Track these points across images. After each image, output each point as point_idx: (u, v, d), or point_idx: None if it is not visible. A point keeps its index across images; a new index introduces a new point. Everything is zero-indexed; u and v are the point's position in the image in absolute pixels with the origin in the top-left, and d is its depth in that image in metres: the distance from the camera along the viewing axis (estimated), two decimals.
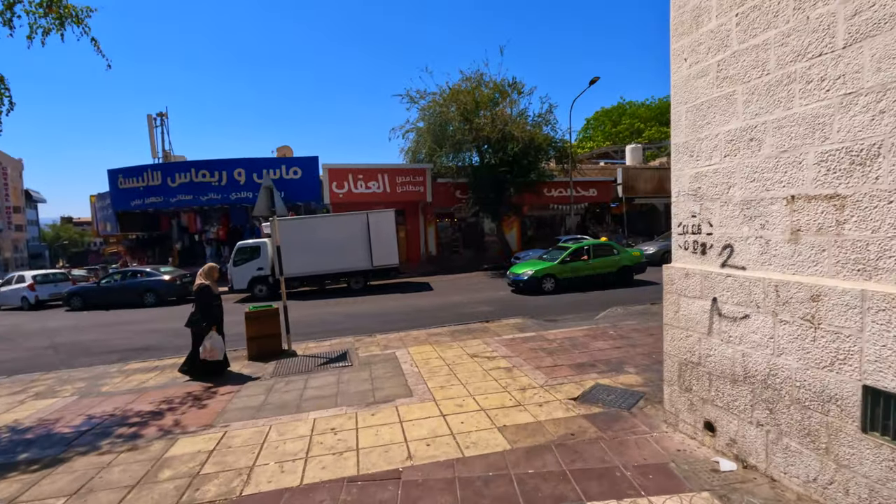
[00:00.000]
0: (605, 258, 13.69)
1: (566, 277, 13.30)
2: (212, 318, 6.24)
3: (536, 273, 13.16)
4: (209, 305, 6.28)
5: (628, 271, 13.85)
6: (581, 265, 13.48)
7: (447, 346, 7.20)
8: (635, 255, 14.14)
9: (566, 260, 13.40)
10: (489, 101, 19.77)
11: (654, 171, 24.82)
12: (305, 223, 15.97)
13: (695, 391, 3.63)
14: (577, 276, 13.39)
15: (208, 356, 6.11)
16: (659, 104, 48.40)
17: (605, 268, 13.64)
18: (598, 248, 13.92)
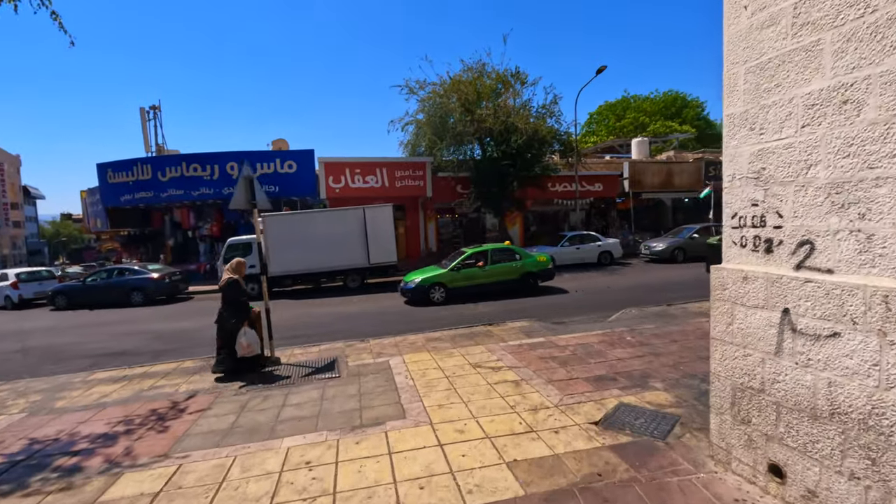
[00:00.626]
0: (505, 264, 12.29)
1: (458, 286, 11.90)
2: (243, 314, 6.14)
3: (423, 282, 11.75)
4: (239, 301, 6.16)
5: (532, 278, 12.48)
6: (476, 272, 12.03)
7: (447, 354, 6.47)
8: (541, 260, 12.70)
9: (459, 267, 11.98)
10: (491, 92, 18.99)
11: (662, 165, 24.00)
12: (298, 218, 15.25)
13: (755, 424, 2.90)
14: (472, 284, 12.01)
15: (246, 352, 5.97)
16: (663, 97, 47.50)
17: (504, 275, 12.22)
18: (497, 254, 12.48)
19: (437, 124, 18.90)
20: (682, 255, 17.48)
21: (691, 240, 17.70)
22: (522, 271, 12.37)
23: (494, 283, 12.20)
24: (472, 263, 12.14)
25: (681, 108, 46.77)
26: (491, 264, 12.23)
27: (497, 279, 12.22)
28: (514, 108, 19.02)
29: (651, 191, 23.79)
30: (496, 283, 12.22)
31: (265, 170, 19.39)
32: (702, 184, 24.35)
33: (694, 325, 7.32)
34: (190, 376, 6.29)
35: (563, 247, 17.72)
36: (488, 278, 12.17)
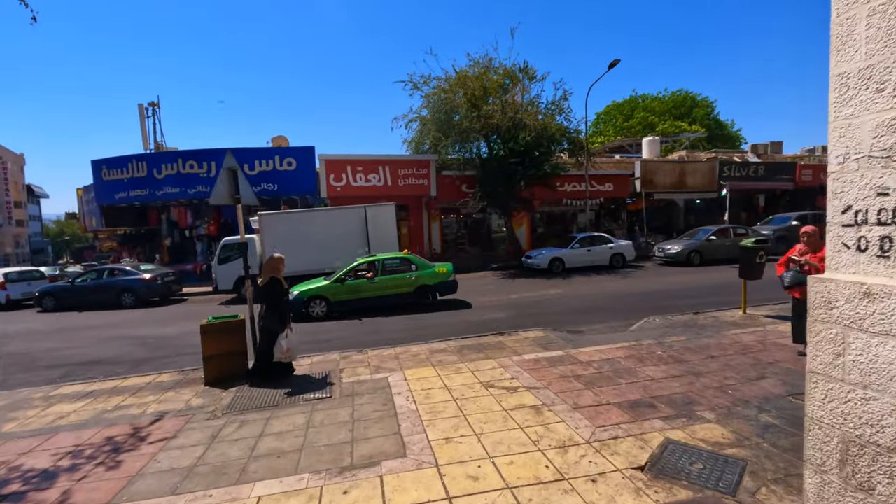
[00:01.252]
0: (399, 276, 11.02)
1: (342, 300, 10.72)
2: (286, 316, 5.80)
3: (301, 294, 10.60)
4: (280, 301, 5.79)
5: (430, 292, 11.14)
6: (364, 285, 10.79)
7: (454, 370, 5.71)
8: (440, 271, 11.26)
9: (343, 278, 10.82)
10: (499, 88, 18.22)
11: (675, 165, 23.15)
12: (295, 218, 14.53)
13: (881, 495, 2.13)
14: (359, 297, 10.79)
15: (284, 357, 5.64)
16: (672, 97, 46.61)
17: (396, 288, 10.94)
18: (390, 264, 11.21)
19: (442, 121, 18.16)
20: (698, 259, 16.65)
21: (708, 242, 16.86)
22: (418, 284, 11.01)
23: (385, 297, 10.88)
24: (361, 274, 10.95)
25: (690, 108, 45.86)
26: (382, 275, 10.93)
27: (388, 292, 10.90)
28: (522, 104, 18.26)
29: (663, 191, 22.94)
30: (387, 297, 10.90)
31: (264, 167, 18.73)
32: (715, 184, 23.52)
33: (730, 339, 6.52)
34: (163, 393, 5.56)
35: (574, 248, 16.92)
36: (378, 291, 10.84)
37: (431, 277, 11.19)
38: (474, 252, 23.66)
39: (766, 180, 24.40)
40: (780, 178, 24.67)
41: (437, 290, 11.26)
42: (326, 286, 10.85)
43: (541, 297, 11.97)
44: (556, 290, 12.92)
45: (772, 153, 28.33)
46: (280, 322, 5.69)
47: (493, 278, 16.22)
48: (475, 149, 19.05)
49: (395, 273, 11.11)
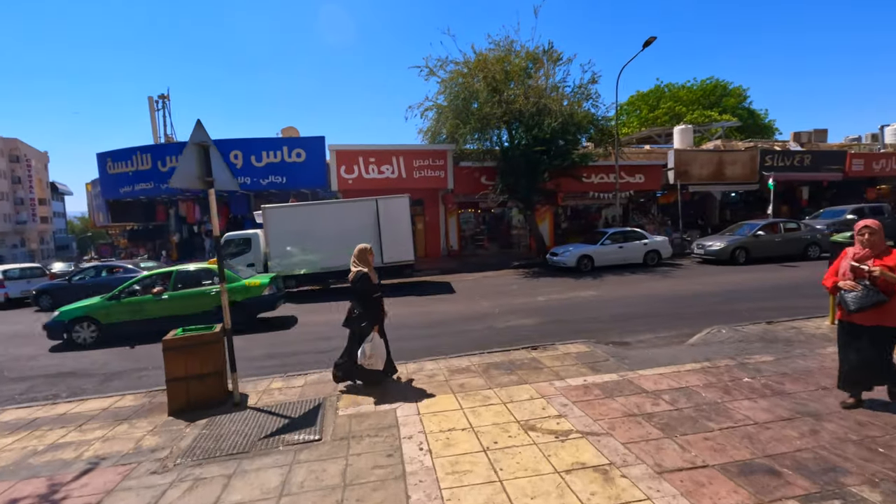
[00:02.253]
0: (196, 291, 9.02)
1: (115, 322, 8.73)
2: (375, 316, 5.00)
3: (62, 316, 8.66)
4: (369, 299, 5.00)
5: (236, 310, 8.62)
6: (148, 303, 8.79)
7: (481, 400, 4.46)
8: (253, 285, 9.29)
9: (120, 294, 8.84)
10: (521, 72, 16.79)
11: (712, 155, 21.35)
12: (301, 211, 13.43)
13: None
14: (142, 318, 8.79)
15: (367, 364, 4.86)
16: (702, 86, 44.28)
17: (192, 307, 8.87)
18: (187, 277, 9.21)
19: (460, 108, 16.84)
20: (743, 256, 15.00)
21: (755, 238, 15.19)
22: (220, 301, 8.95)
23: (177, 318, 8.50)
24: (147, 289, 9.05)
25: (721, 97, 43.46)
26: (174, 291, 8.98)
27: (182, 312, 8.77)
28: (547, 88, 16.82)
29: (699, 183, 21.19)
30: (180, 318, 8.49)
31: (271, 159, 17.72)
32: (756, 175, 21.67)
33: (833, 359, 5.10)
34: (116, 425, 4.44)
35: (604, 245, 15.45)
36: (166, 311, 8.78)
37: (238, 293, 9.04)
38: (493, 249, 22.34)
39: (811, 171, 22.42)
40: (828, 169, 22.65)
41: (248, 307, 9.15)
42: (96, 304, 8.78)
43: (572, 300, 10.62)
44: (589, 292, 11.53)
45: (816, 142, 26.20)
46: (370, 324, 4.90)
47: (516, 277, 14.89)
48: (496, 137, 17.67)
49: (190, 287, 9.08)
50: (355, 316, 4.96)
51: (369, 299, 4.96)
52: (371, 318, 4.94)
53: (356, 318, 4.96)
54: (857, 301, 3.61)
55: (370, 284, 4.98)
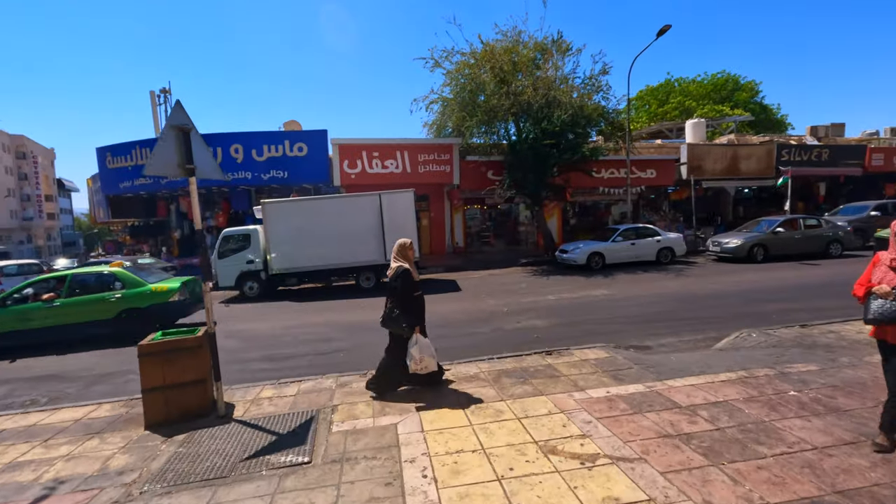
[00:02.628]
0: (92, 297, 8.25)
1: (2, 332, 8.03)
2: (415, 317, 4.58)
3: None
4: (411, 298, 4.58)
5: (139, 317, 8.25)
6: (37, 311, 8.06)
7: (492, 415, 3.97)
8: (159, 289, 8.51)
9: (6, 300, 8.21)
10: (529, 63, 16.21)
11: (726, 149, 20.65)
12: (302, 206, 12.96)
13: None
14: (30, 329, 8.06)
15: (420, 368, 4.49)
16: (713, 80, 43.33)
17: (88, 314, 8.17)
18: (82, 281, 8.48)
19: (467, 101, 16.30)
20: (762, 254, 14.38)
21: (774, 235, 14.55)
22: (121, 308, 8.25)
23: (70, 327, 8.09)
24: (37, 295, 8.29)
25: (732, 91, 42.52)
26: (68, 297, 8.23)
27: (76, 320, 8.13)
28: (556, 80, 16.23)
29: (713, 178, 20.52)
30: (74, 327, 8.10)
31: (273, 153, 17.28)
32: (773, 170, 20.95)
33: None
34: (85, 440, 4.00)
35: (616, 242, 14.89)
36: (58, 319, 8.07)
37: (142, 299, 8.37)
38: (499, 246, 21.82)
39: (830, 166, 21.66)
40: (847, 164, 21.89)
41: (150, 314, 8.39)
42: None
43: (584, 300, 10.09)
44: (601, 291, 11.00)
45: (833, 136, 25.41)
46: (410, 325, 4.49)
47: (524, 275, 14.36)
48: (502, 130, 17.11)
49: (85, 294, 8.33)
50: (395, 316, 4.50)
51: (410, 298, 4.54)
52: (412, 319, 4.51)
53: (395, 319, 4.50)
54: (879, 312, 2.98)
55: (411, 282, 4.55)
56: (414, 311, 4.55)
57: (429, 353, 4.47)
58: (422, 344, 4.48)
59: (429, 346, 4.53)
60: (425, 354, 4.45)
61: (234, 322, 9.83)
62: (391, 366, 4.66)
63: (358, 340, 7.69)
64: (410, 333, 4.48)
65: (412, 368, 4.46)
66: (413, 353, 4.42)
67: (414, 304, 4.57)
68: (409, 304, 4.54)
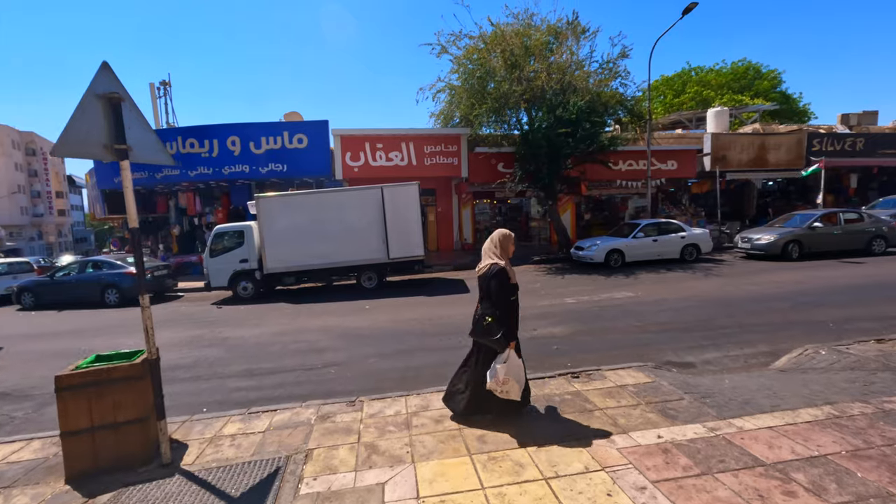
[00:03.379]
0: None
1: None
2: (511, 326, 3.65)
3: None
4: (507, 303, 3.65)
5: None
6: None
7: (511, 472, 3.02)
8: None
9: None
10: (542, 47, 15.10)
11: (753, 138, 19.33)
12: (299, 201, 12.07)
13: None
14: None
15: (501, 391, 3.61)
16: (732, 69, 41.61)
17: None
18: None
19: (476, 88, 15.27)
20: (797, 251, 13.20)
21: (811, 230, 13.35)
22: None
23: None
24: None
25: (753, 80, 40.77)
26: None
27: None
28: (571, 66, 15.12)
29: (739, 170, 19.25)
30: None
31: (271, 145, 16.40)
32: (803, 161, 19.62)
33: None
34: None
35: (637, 238, 13.80)
36: None
37: None
38: None
39: (864, 156, 20.25)
40: (884, 154, 20.45)
41: None
42: None
43: (606, 303, 9.08)
44: (624, 293, 9.97)
45: (864, 124, 23.90)
46: (505, 337, 3.56)
47: (537, 274, 13.36)
48: (514, 119, 16.04)
49: None
50: (486, 324, 3.59)
51: (506, 303, 3.63)
52: (509, 330, 3.61)
53: (487, 329, 3.58)
54: None
55: (508, 283, 3.63)
56: (510, 320, 3.65)
57: (516, 377, 3.58)
58: (513, 363, 3.58)
59: (520, 367, 3.65)
60: (511, 376, 3.56)
61: (221, 327, 8.99)
62: (481, 382, 3.76)
63: (354, 352, 6.78)
64: (504, 348, 3.57)
65: (489, 386, 3.62)
66: (498, 370, 3.54)
67: (510, 311, 3.66)
68: (505, 310, 3.62)
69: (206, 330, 8.83)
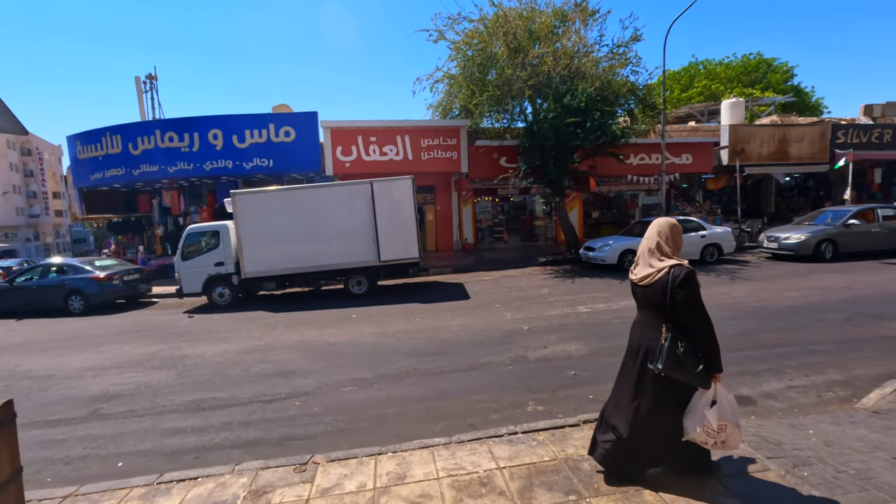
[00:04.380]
0: None
1: None
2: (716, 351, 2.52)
3: None
4: (707, 319, 2.53)
5: None
6: None
7: None
8: None
9: None
10: (549, 32, 13.89)
11: (774, 130, 18.02)
12: (280, 198, 10.91)
13: None
14: None
15: (714, 443, 2.52)
16: (743, 62, 40.24)
17: None
18: None
19: (476, 77, 14.07)
20: (830, 251, 11.97)
21: (846, 228, 12.11)
22: None
23: None
24: None
25: (764, 74, 39.40)
26: None
27: None
28: (579, 51, 13.93)
29: (759, 164, 17.98)
30: None
31: (256, 139, 15.25)
32: (827, 154, 18.34)
33: None
34: None
35: None
36: None
37: None
38: (514, 242, 19.61)
39: (893, 149, 18.96)
40: None
41: None
42: None
43: (626, 313, 7.87)
44: None
45: (888, 116, 22.56)
46: (712, 369, 2.52)
47: (544, 278, 12.16)
48: (517, 109, 14.83)
49: None
50: (683, 354, 2.48)
51: (706, 319, 2.52)
52: (714, 357, 2.51)
53: (686, 360, 2.48)
54: None
55: (699, 293, 2.52)
56: (713, 342, 2.53)
57: (734, 420, 2.52)
58: (726, 403, 2.52)
59: (735, 407, 2.57)
60: (730, 421, 2.50)
61: (184, 342, 7.83)
62: (662, 431, 2.65)
63: (327, 376, 5.61)
64: (709, 383, 2.51)
65: (700, 439, 2.54)
66: (708, 418, 2.47)
67: (711, 331, 2.55)
68: (707, 329, 2.52)
69: (167, 345, 7.67)
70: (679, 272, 2.52)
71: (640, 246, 2.77)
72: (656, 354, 2.52)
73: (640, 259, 2.75)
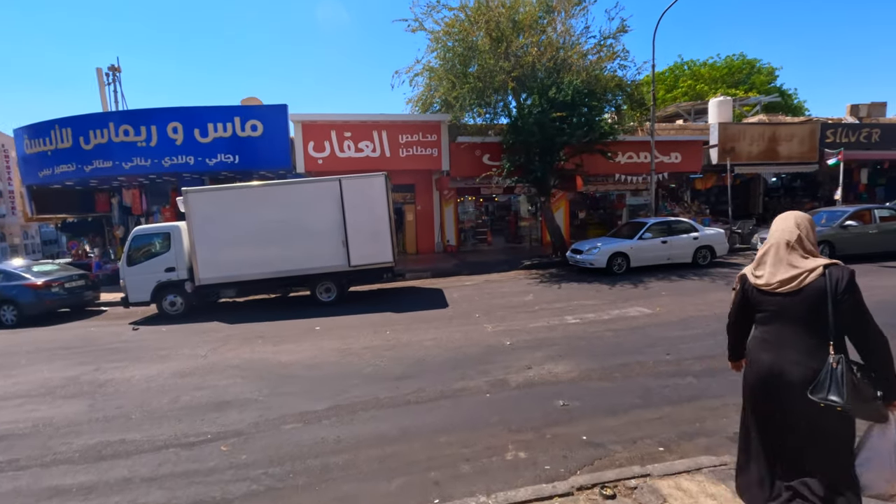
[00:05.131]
0: None
1: None
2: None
3: None
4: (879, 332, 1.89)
5: None
6: None
7: None
8: None
9: None
10: (533, 24, 13.10)
11: (764, 129, 17.54)
12: (237, 196, 9.86)
13: None
14: None
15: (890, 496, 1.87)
16: (727, 62, 40.23)
17: None
18: None
19: (458, 70, 13.19)
20: (828, 254, 11.39)
21: (843, 230, 11.57)
22: None
23: None
24: None
25: (748, 75, 39.45)
26: None
27: None
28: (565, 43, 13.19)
29: (748, 163, 17.49)
30: None
31: (220, 133, 14.11)
32: (816, 153, 17.95)
33: None
34: None
35: (644, 239, 11.84)
36: None
37: None
38: (498, 244, 18.78)
39: (881, 148, 18.69)
40: None
41: None
42: None
43: (619, 324, 7.08)
44: (639, 308, 7.99)
45: (874, 116, 22.40)
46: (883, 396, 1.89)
47: (529, 283, 11.34)
48: (500, 102, 14.00)
49: None
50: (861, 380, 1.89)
51: (878, 332, 1.93)
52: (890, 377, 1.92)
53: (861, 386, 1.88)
54: None
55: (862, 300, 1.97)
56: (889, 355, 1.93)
57: None
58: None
59: None
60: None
61: (115, 362, 6.76)
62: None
63: (269, 409, 4.65)
64: (886, 413, 1.93)
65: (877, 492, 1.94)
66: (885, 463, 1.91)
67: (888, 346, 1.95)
68: (883, 345, 1.92)
69: (92, 366, 6.61)
70: (841, 274, 1.95)
71: (768, 242, 2.16)
72: (824, 384, 1.86)
73: (770, 258, 2.11)
